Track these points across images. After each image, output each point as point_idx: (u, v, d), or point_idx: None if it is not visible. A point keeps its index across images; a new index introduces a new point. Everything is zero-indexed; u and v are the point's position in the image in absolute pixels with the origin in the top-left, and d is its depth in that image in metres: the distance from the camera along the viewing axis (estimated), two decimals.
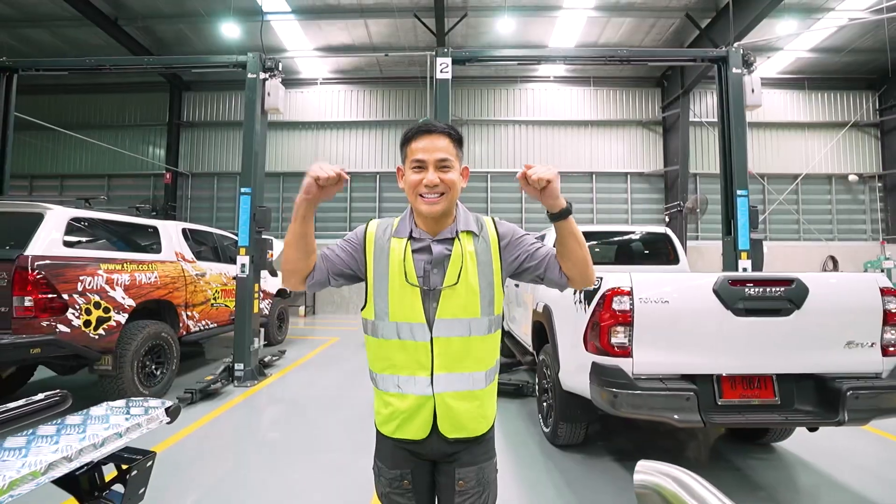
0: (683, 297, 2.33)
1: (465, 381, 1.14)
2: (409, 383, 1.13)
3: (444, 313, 1.12)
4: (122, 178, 13.11)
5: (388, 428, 1.19)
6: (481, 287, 1.15)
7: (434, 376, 1.12)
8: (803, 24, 10.15)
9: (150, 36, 11.18)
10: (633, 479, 0.77)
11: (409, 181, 1.17)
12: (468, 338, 1.14)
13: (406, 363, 1.13)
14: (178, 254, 4.86)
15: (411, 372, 1.13)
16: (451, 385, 1.13)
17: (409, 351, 1.13)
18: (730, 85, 5.07)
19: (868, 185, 12.36)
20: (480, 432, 1.18)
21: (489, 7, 9.93)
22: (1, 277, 3.13)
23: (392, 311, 1.14)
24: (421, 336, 1.12)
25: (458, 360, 1.14)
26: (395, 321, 1.14)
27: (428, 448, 1.17)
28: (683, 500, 0.67)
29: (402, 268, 1.14)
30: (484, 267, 1.17)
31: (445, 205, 1.15)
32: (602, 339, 2.36)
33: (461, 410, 1.14)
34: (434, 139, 1.15)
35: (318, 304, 12.31)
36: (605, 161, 12.50)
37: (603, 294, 2.36)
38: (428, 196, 1.14)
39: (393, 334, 1.14)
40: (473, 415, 1.16)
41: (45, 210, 3.50)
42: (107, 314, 3.71)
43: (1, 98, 5.38)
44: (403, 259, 1.14)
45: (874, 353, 2.34)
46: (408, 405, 1.13)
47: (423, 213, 1.16)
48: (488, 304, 1.16)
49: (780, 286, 2.30)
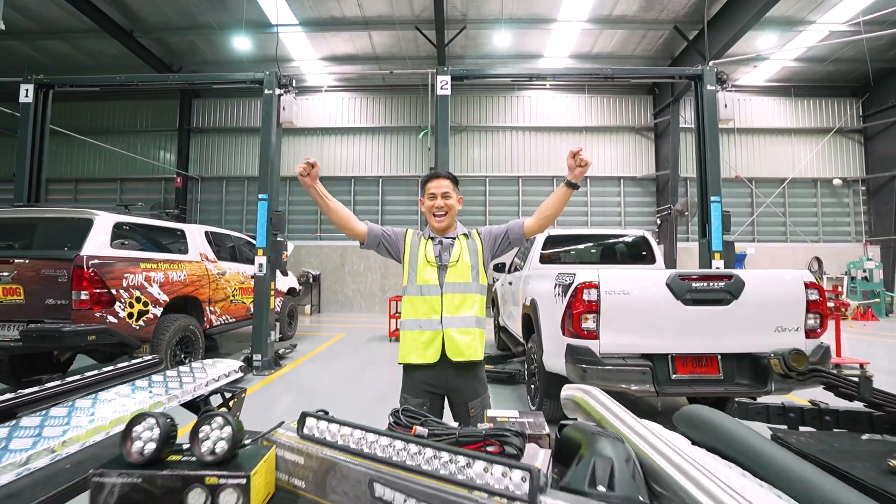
0: (641, 290, 2.82)
1: (462, 321, 1.79)
2: (427, 323, 1.80)
3: (449, 279, 1.83)
4: (134, 181, 13.62)
5: (412, 357, 1.79)
6: (471, 265, 1.86)
7: (443, 317, 1.78)
8: (786, 37, 10.66)
9: (162, 47, 11.69)
10: (560, 396, 1.28)
11: (426, 206, 1.92)
12: (463, 294, 1.83)
13: (426, 310, 1.81)
14: (202, 254, 5.35)
15: (428, 316, 1.80)
16: (453, 323, 1.78)
17: (427, 302, 1.81)
18: (704, 100, 5.56)
19: (852, 188, 12.86)
20: (474, 358, 1.80)
21: (487, 20, 10.44)
22: (61, 274, 3.62)
23: (419, 278, 1.84)
24: (435, 293, 1.81)
25: (457, 308, 1.80)
26: (420, 284, 1.83)
27: (439, 375, 1.76)
28: (587, 401, 1.16)
29: (425, 252, 1.86)
30: (473, 253, 1.89)
31: (447, 221, 1.89)
32: (575, 325, 2.84)
33: (460, 341, 1.77)
34: (440, 181, 1.91)
35: (323, 304, 12.80)
36: (599, 165, 13.01)
37: (575, 287, 2.85)
38: (437, 215, 1.88)
39: (418, 292, 1.83)
40: (468, 344, 1.78)
41: (94, 216, 3.99)
42: (146, 307, 4.20)
43: (39, 112, 5.85)
44: (426, 248, 1.87)
45: (799, 336, 2.82)
46: (426, 338, 1.79)
47: (434, 226, 1.91)
48: (476, 275, 1.86)
49: (720, 281, 2.79)
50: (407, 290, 1.88)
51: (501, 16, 10.13)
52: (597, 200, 12.95)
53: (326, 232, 13.11)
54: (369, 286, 12.85)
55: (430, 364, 1.77)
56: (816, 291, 2.84)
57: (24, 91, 5.80)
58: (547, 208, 1.85)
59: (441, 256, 1.85)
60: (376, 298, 12.76)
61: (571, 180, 1.78)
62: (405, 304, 1.89)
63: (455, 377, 1.79)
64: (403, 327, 1.87)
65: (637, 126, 13.06)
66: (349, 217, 1.90)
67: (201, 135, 13.60)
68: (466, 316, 1.81)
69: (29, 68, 11.34)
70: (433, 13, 9.82)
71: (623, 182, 12.97)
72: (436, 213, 1.87)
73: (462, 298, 1.81)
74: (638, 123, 13.06)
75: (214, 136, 13.62)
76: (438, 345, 1.77)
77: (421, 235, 1.94)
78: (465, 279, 1.83)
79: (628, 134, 13.15)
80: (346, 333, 8.72)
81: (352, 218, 1.91)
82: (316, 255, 12.84)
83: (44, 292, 3.63)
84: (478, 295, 1.86)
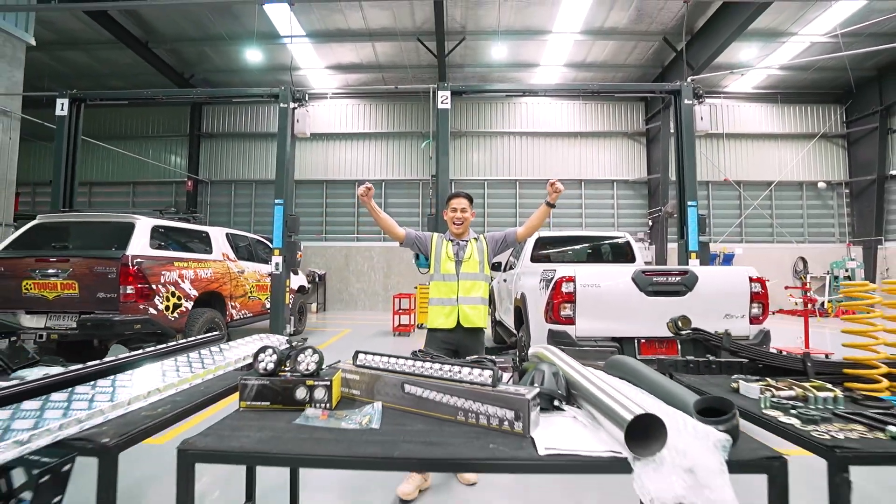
0: (610, 283, 3.34)
1: (471, 300, 2.57)
2: (447, 301, 2.57)
3: (464, 270, 2.58)
4: (146, 185, 14.15)
5: (438, 323, 2.50)
6: (479, 260, 2.62)
7: (459, 297, 2.55)
8: (769, 47, 11.19)
9: (175, 56, 12.22)
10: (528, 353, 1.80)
11: (448, 215, 2.70)
12: (473, 281, 2.59)
13: (446, 291, 2.58)
14: (224, 254, 5.88)
15: (448, 296, 2.57)
16: (465, 301, 2.55)
17: (448, 286, 2.58)
18: (682, 113, 6.08)
19: (836, 191, 13.38)
20: (479, 325, 2.58)
21: (485, 31, 10.95)
22: (110, 271, 4.14)
23: (442, 269, 2.61)
24: (453, 279, 2.58)
25: (468, 290, 2.57)
26: (443, 273, 2.60)
27: (455, 336, 2.46)
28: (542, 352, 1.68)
29: (446, 250, 2.62)
30: (480, 252, 2.65)
31: (463, 228, 2.68)
32: (555, 313, 3.37)
33: (470, 313, 2.55)
34: (461, 199, 2.71)
35: (329, 302, 13.32)
36: (594, 169, 13.54)
37: (556, 281, 3.37)
38: (456, 223, 2.66)
39: (441, 279, 2.60)
40: (476, 315, 2.57)
41: (136, 220, 4.52)
42: (179, 301, 4.73)
43: (72, 124, 6.38)
44: (447, 248, 2.63)
45: (744, 322, 3.35)
46: (447, 310, 2.56)
47: (453, 231, 2.68)
48: (482, 268, 2.63)
49: (677, 276, 3.31)
50: (433, 278, 2.65)
51: (499, 28, 10.65)
52: (591, 202, 13.47)
53: (331, 233, 13.64)
54: (372, 285, 13.37)
55: (450, 328, 2.54)
56: (759, 285, 3.36)
57: (59, 105, 6.33)
58: (532, 221, 2.65)
59: (458, 254, 2.61)
60: (379, 297, 13.28)
61: (550, 201, 2.54)
62: (432, 287, 2.65)
63: (465, 338, 2.53)
64: (431, 303, 2.64)
65: (630, 131, 13.59)
66: (393, 224, 2.66)
67: (211, 139, 14.14)
68: (475, 296, 2.58)
69: (49, 77, 11.98)
70: (434, 25, 10.36)
71: (616, 185, 13.50)
72: (455, 221, 2.66)
73: (472, 284, 2.58)
74: (630, 129, 13.59)
75: (223, 141, 14.16)
76: (455, 315, 2.54)
77: (443, 238, 2.69)
78: (475, 270, 2.60)
79: (621, 139, 13.68)
80: (352, 329, 9.24)
81: (395, 225, 2.67)
82: (321, 256, 13.36)
83: (95, 287, 4.15)
84: (483, 282, 2.64)
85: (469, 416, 1.15)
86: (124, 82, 13.58)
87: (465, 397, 1.17)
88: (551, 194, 2.51)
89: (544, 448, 1.01)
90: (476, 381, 1.18)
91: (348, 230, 13.59)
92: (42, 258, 4.20)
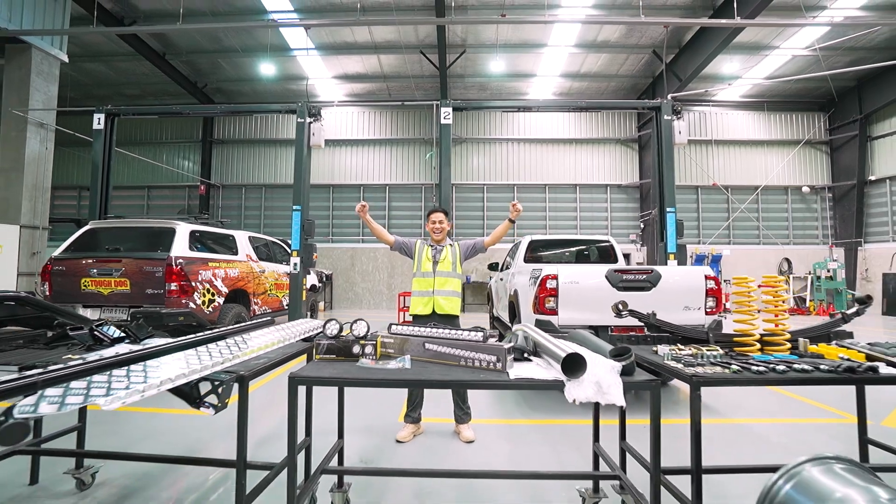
0: (587, 280, 3.97)
1: (445, 293, 3.26)
2: (425, 293, 3.26)
3: (439, 268, 3.28)
4: (161, 189, 14.80)
5: (416, 310, 3.16)
6: (452, 261, 3.31)
7: (434, 290, 3.24)
8: (753, 60, 11.83)
9: (189, 66, 12.85)
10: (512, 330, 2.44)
11: (429, 226, 3.44)
12: (447, 278, 3.29)
13: (424, 286, 3.27)
14: (247, 255, 6.50)
15: (425, 289, 3.26)
16: (439, 294, 3.25)
17: (427, 280, 3.28)
18: (662, 128, 6.71)
19: (819, 195, 14.01)
20: (452, 313, 3.26)
21: (484, 45, 11.59)
22: (157, 270, 4.77)
23: (422, 268, 3.32)
24: (430, 276, 3.28)
25: (442, 285, 3.27)
26: (423, 271, 3.30)
27: (430, 321, 2.90)
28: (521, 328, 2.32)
29: (426, 253, 3.33)
30: (453, 255, 3.35)
31: (441, 236, 3.40)
32: (541, 305, 3.99)
33: (443, 303, 3.24)
34: (439, 214, 3.43)
35: (335, 301, 13.95)
36: (588, 174, 14.17)
37: (541, 278, 4.00)
38: (435, 232, 3.39)
39: (421, 276, 3.31)
40: (449, 305, 3.25)
41: (176, 225, 5.15)
42: (213, 297, 5.36)
43: (108, 136, 7.01)
44: (426, 251, 3.35)
45: (700, 314, 3.97)
46: (424, 301, 3.27)
47: (433, 238, 3.42)
48: (455, 267, 3.33)
49: (643, 274, 3.94)
50: (415, 275, 3.36)
51: (497, 41, 11.29)
52: (586, 206, 14.11)
53: (337, 235, 14.28)
54: (377, 285, 14.01)
55: (426, 315, 3.22)
56: (713, 282, 3.98)
57: (96, 119, 6.97)
58: (496, 233, 3.35)
59: (435, 256, 3.32)
60: (383, 296, 13.92)
61: (511, 218, 3.27)
62: (413, 282, 3.35)
63: (439, 323, 3.02)
64: (413, 295, 3.34)
65: (623, 138, 14.22)
66: (384, 232, 3.44)
67: (222, 145, 14.78)
68: (448, 290, 3.28)
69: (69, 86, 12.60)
70: (436, 39, 11.01)
71: (609, 189, 14.13)
72: (434, 231, 3.39)
73: (446, 280, 3.28)
74: (623, 136, 14.22)
75: (234, 147, 14.79)
76: (431, 305, 3.24)
77: (425, 243, 3.42)
78: (448, 269, 3.30)
79: (615, 145, 14.32)
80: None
81: (385, 233, 3.43)
82: (328, 257, 13.99)
83: (144, 284, 4.78)
84: (456, 279, 3.34)
85: (467, 362, 1.78)
86: (140, 90, 14.25)
87: (465, 349, 1.80)
88: (512, 213, 3.25)
89: (514, 376, 1.64)
90: (473, 339, 1.82)
91: (354, 232, 14.23)
92: (100, 259, 4.83)
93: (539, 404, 4.02)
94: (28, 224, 7.90)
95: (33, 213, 8.02)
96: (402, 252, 3.47)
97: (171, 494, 2.40)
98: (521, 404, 4.05)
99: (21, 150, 7.83)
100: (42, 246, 8.20)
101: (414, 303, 3.31)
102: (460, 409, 3.23)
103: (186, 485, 2.50)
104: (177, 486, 2.50)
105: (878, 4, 9.67)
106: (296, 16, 10.40)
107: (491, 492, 2.47)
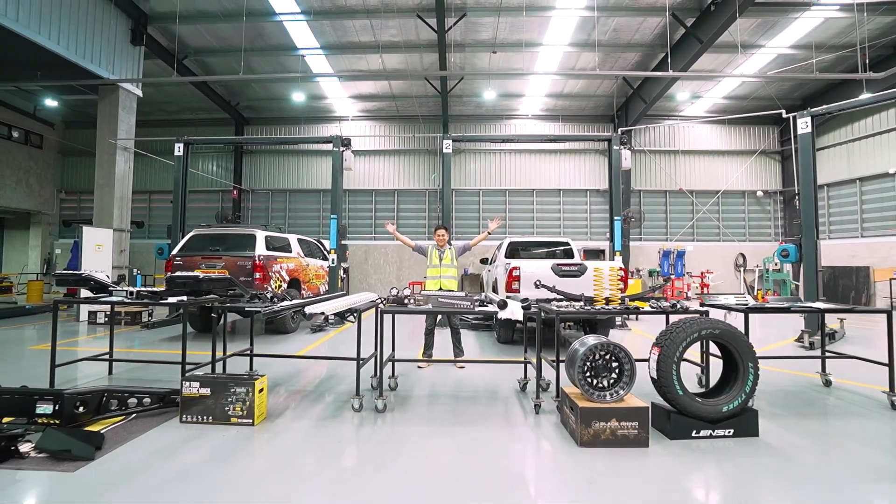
0: (538, 270, 6.07)
1: (447, 277, 5.66)
2: (435, 277, 5.66)
3: (443, 262, 5.68)
4: (196, 193, 16.83)
5: (430, 288, 5.36)
6: (451, 258, 5.73)
7: (441, 275, 5.63)
8: (710, 84, 13.85)
9: (225, 87, 14.87)
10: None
11: (436, 238, 5.79)
12: (447, 268, 5.68)
13: (434, 273, 5.68)
14: (298, 253, 8.61)
15: (435, 275, 5.66)
16: (444, 277, 5.65)
17: (436, 269, 5.70)
18: (612, 156, 8.77)
19: (772, 198, 16.08)
20: (451, 289, 5.34)
21: (479, 73, 13.58)
22: (247, 264, 6.88)
23: (432, 262, 5.72)
24: (437, 267, 5.68)
25: (445, 272, 5.69)
26: (433, 264, 5.69)
27: None
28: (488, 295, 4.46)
29: (435, 253, 5.68)
30: (452, 254, 5.77)
31: (443, 243, 5.80)
32: (509, 286, 6.11)
33: (446, 282, 5.62)
34: (442, 230, 5.79)
35: (351, 291, 16.08)
36: (570, 180, 16.23)
37: (510, 269, 6.11)
38: (439, 242, 5.76)
39: (432, 266, 5.72)
40: (449, 284, 5.63)
41: (256, 231, 7.25)
42: (281, 284, 7.46)
43: (185, 161, 9.08)
44: (435, 252, 5.72)
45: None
46: (435, 282, 5.60)
47: (438, 244, 5.79)
48: (452, 262, 5.72)
49: (575, 266, 6.05)
50: (429, 266, 5.65)
51: (489, 70, 13.30)
52: (568, 209, 16.18)
53: (352, 234, 16.36)
54: (388, 277, 16.13)
55: (436, 290, 5.24)
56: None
57: (177, 147, 9.02)
58: (478, 238, 5.71)
59: (440, 255, 5.50)
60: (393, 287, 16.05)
61: (490, 230, 5.49)
62: (427, 271, 5.68)
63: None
64: (427, 279, 5.64)
65: (599, 149, 16.25)
66: (407, 240, 5.71)
67: (251, 153, 16.82)
68: (449, 275, 5.55)
69: None
70: (438, 67, 13.02)
71: (589, 194, 16.20)
72: (439, 242, 5.49)
73: (447, 269, 5.54)
74: (599, 147, 16.25)
75: (262, 155, 16.84)
76: (438, 284, 5.48)
77: (434, 246, 5.54)
78: (448, 262, 5.56)
79: (594, 154, 16.35)
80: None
81: (407, 240, 5.78)
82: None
83: (237, 274, 6.88)
84: (454, 268, 5.59)
85: (457, 307, 3.90)
86: (178, 107, 16.28)
87: (457, 301, 3.92)
88: (491, 225, 5.41)
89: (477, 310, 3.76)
90: (460, 297, 3.95)
91: (366, 231, 16.32)
92: (206, 256, 6.94)
93: (508, 351, 6.16)
94: (118, 227, 10.01)
95: (121, 219, 10.13)
96: (419, 252, 5.72)
97: (319, 371, 4.54)
98: (499, 353, 6.19)
99: (112, 169, 9.91)
100: (126, 244, 10.30)
101: (428, 284, 5.50)
102: (457, 347, 5.35)
103: (326, 372, 4.64)
104: (319, 371, 4.64)
105: (806, 44, 11.69)
106: (321, 50, 12.42)
107: (471, 381, 4.60)
